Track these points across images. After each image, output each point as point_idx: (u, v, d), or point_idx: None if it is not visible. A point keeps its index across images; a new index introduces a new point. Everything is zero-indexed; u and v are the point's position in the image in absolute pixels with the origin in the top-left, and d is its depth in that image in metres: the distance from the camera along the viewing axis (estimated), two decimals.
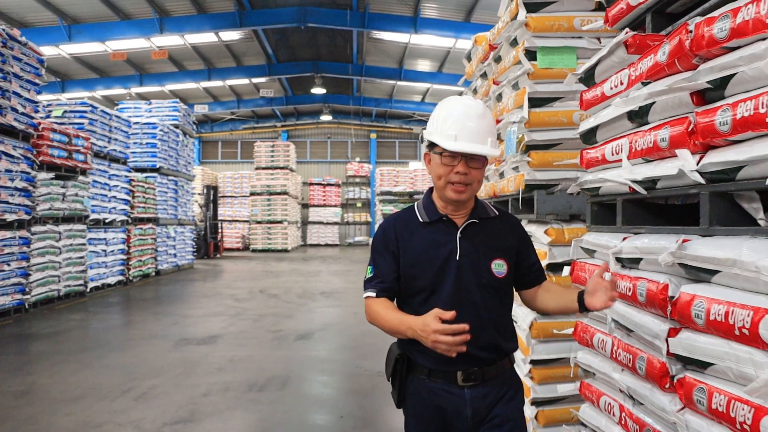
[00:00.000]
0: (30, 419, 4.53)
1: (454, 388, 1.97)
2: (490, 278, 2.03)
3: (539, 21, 3.54)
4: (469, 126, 1.96)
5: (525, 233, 2.20)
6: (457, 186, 1.98)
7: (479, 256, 2.03)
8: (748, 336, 1.56)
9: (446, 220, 2.07)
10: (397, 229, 2.09)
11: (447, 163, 1.98)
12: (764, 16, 1.62)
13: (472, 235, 2.05)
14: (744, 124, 1.69)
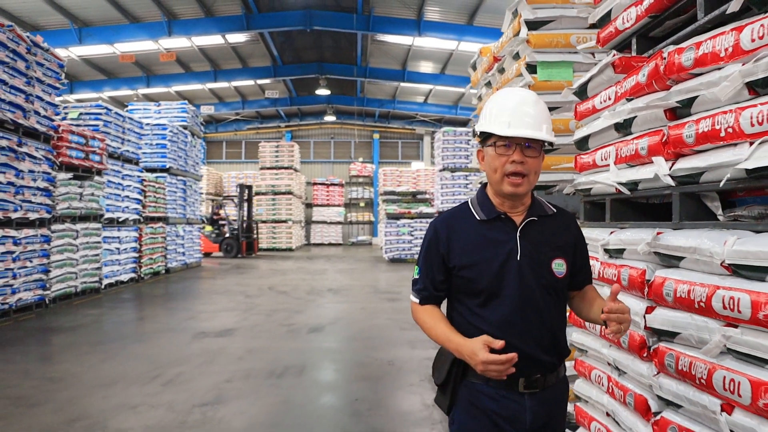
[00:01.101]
0: (70, 401, 4.91)
1: (515, 394, 1.88)
2: (551, 278, 1.93)
3: (539, 38, 3.93)
4: (522, 113, 1.89)
5: (581, 232, 2.11)
6: (514, 178, 1.87)
7: (540, 255, 1.93)
8: (704, 308, 1.95)
9: (504, 218, 1.96)
10: (449, 228, 1.99)
11: (502, 153, 1.88)
12: (719, 51, 2.01)
13: (531, 233, 1.95)
14: (704, 137, 2.08)
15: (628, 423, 2.52)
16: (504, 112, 1.89)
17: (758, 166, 1.82)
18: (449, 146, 19.47)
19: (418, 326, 2.04)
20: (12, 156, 8.55)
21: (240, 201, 23.04)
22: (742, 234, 1.90)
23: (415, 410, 4.72)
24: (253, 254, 23.20)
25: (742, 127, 1.89)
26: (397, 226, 20.36)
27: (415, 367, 6.02)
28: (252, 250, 23.21)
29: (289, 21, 19.35)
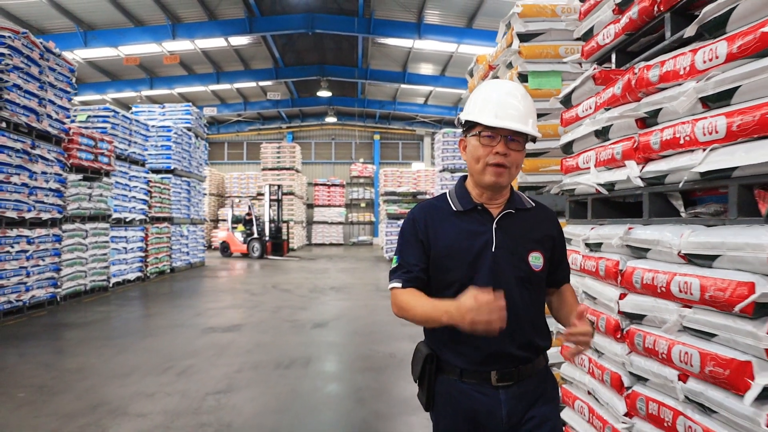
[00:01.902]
0: (90, 390, 5.22)
1: (488, 388, 1.87)
2: (528, 271, 1.91)
3: (530, 49, 4.24)
4: (509, 105, 1.87)
5: (560, 228, 2.09)
6: (497, 168, 1.86)
7: (516, 247, 1.91)
8: (665, 292, 2.26)
9: (481, 209, 1.95)
10: (427, 217, 1.97)
11: (486, 143, 1.87)
12: (678, 69, 2.32)
13: (508, 225, 1.94)
14: (667, 144, 2.38)
15: (606, 398, 2.82)
16: (491, 103, 1.88)
17: (709, 169, 2.12)
18: (449, 147, 19.75)
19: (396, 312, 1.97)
20: (26, 158, 8.86)
21: (268, 201, 22.52)
22: (696, 228, 2.20)
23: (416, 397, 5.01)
24: (283, 256, 22.37)
25: (696, 136, 2.19)
26: (397, 226, 20.60)
27: None
28: (281, 251, 22.50)
29: (291, 24, 19.64)
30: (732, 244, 1.91)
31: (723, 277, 1.93)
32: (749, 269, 1.86)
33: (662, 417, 2.29)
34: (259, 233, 22.22)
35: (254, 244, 22.16)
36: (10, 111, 8.39)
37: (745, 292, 1.80)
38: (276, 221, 22.74)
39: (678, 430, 2.18)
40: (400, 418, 4.54)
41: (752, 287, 1.79)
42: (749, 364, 1.82)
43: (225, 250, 23.32)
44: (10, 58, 8.32)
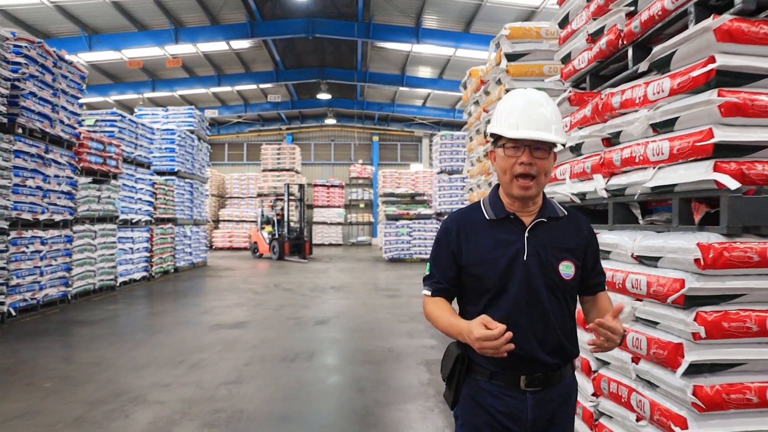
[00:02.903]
0: (110, 381, 5.62)
1: (516, 392, 1.91)
2: (558, 280, 1.94)
3: (517, 68, 4.65)
4: (531, 114, 1.90)
5: (593, 235, 2.11)
6: (523, 181, 1.90)
7: (547, 256, 1.94)
8: (622, 288, 2.67)
9: (513, 218, 1.98)
10: (460, 226, 2.03)
11: (511, 154, 1.91)
12: (635, 98, 2.73)
13: (540, 234, 1.96)
14: (626, 162, 2.79)
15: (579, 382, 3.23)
16: (513, 114, 1.91)
17: (657, 184, 2.53)
18: (447, 149, 20.21)
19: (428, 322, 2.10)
20: (40, 162, 9.26)
21: (287, 200, 22.08)
22: (647, 233, 2.61)
23: (413, 387, 5.43)
24: (305, 257, 21.62)
25: (648, 156, 2.60)
26: (396, 226, 21.01)
27: (413, 353, 6.72)
28: (302, 252, 21.81)
29: (292, 29, 20.02)
30: (670, 248, 2.33)
31: (663, 275, 2.35)
32: (681, 268, 2.27)
33: (620, 394, 2.70)
34: (280, 234, 21.92)
35: (274, 244, 21.90)
36: (26, 117, 8.78)
37: (678, 287, 2.22)
38: (299, 221, 22.35)
39: (632, 403, 2.59)
40: (398, 405, 4.95)
41: (683, 283, 2.20)
42: (681, 346, 2.23)
43: (255, 251, 23.20)
44: (26, 67, 8.72)
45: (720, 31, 2.22)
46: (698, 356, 2.20)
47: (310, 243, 22.38)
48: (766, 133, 2.24)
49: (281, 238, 21.61)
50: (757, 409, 2.20)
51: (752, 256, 2.17)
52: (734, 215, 2.18)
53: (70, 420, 4.51)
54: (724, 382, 2.19)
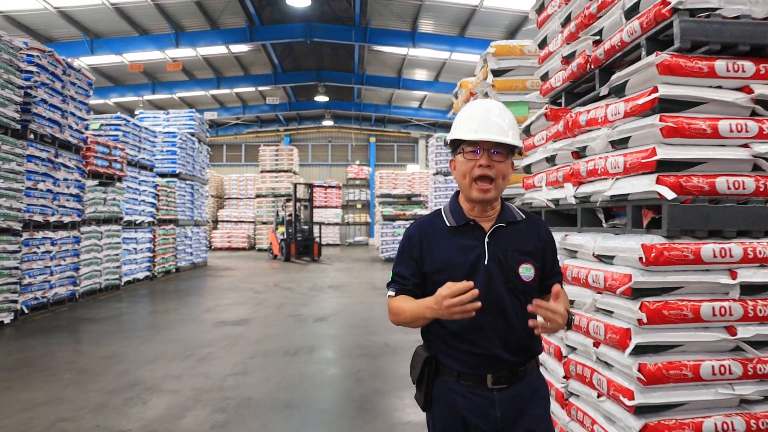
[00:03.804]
0: (124, 372, 6.02)
1: (483, 390, 1.98)
2: (518, 282, 2.00)
3: (502, 83, 5.06)
4: (489, 120, 1.99)
5: (551, 237, 2.18)
6: (482, 184, 1.96)
7: (507, 260, 2.01)
8: (585, 283, 3.08)
9: (473, 224, 2.05)
10: (422, 234, 2.09)
11: (470, 158, 1.98)
12: (598, 118, 3.14)
13: (499, 239, 2.03)
14: (591, 173, 3.21)
15: (551, 366, 3.64)
16: (472, 121, 2.00)
17: (615, 193, 2.94)
18: (442, 151, 20.57)
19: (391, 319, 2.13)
20: (50, 166, 9.65)
21: (294, 200, 21.58)
22: (607, 235, 3.03)
23: (407, 377, 5.79)
24: (313, 259, 21.30)
25: (607, 169, 3.02)
26: (392, 227, 21.37)
27: (408, 347, 7.13)
28: (309, 253, 21.43)
29: (291, 33, 20.42)
30: (622, 248, 2.74)
31: (616, 271, 2.76)
32: (630, 265, 2.69)
33: (584, 375, 3.11)
34: (288, 235, 21.54)
35: (282, 245, 21.65)
36: (37, 123, 9.17)
37: (627, 281, 2.63)
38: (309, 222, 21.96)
39: (593, 382, 3.00)
40: (394, 393, 5.36)
41: (630, 277, 2.62)
42: (629, 330, 2.65)
43: (271, 252, 23.18)
44: (38, 75, 9.10)
45: (662, 65, 2.63)
46: (643, 339, 2.61)
47: (319, 244, 21.90)
48: (701, 152, 2.65)
49: (288, 239, 21.35)
50: (692, 383, 2.61)
51: (688, 255, 2.59)
52: (673, 221, 2.59)
53: (93, 406, 4.91)
54: (664, 361, 2.60)
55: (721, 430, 2.60)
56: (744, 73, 2.70)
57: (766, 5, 2.66)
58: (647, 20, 2.83)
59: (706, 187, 2.64)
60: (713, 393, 2.63)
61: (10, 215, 8.52)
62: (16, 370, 6.09)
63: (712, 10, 2.67)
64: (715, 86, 2.71)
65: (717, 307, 2.62)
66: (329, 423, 4.65)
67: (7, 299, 8.57)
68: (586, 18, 3.53)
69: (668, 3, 2.67)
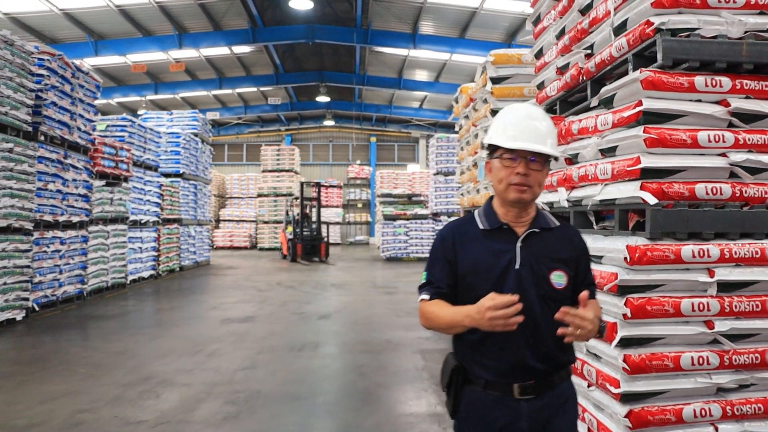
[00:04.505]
0: (137, 367, 6.25)
1: (510, 400, 1.95)
2: (549, 289, 1.97)
3: (500, 90, 5.30)
4: (528, 127, 1.97)
5: (585, 246, 2.16)
6: (518, 186, 1.95)
7: (539, 266, 1.98)
8: None
9: (507, 228, 2.03)
10: (455, 236, 2.08)
11: (507, 165, 1.97)
12: (588, 127, 3.37)
13: (532, 244, 2.01)
14: (582, 179, 3.44)
15: None
16: (510, 126, 1.99)
17: (603, 198, 3.18)
18: (443, 151, 20.87)
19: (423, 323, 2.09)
20: (60, 167, 9.88)
21: (301, 200, 21.20)
22: (596, 237, 3.26)
23: (409, 372, 6.08)
24: (321, 259, 20.77)
25: (597, 175, 3.25)
26: (393, 226, 21.57)
27: (409, 343, 7.36)
28: (317, 254, 20.86)
29: (293, 35, 20.66)
30: (609, 248, 2.98)
31: (604, 269, 3.00)
32: (616, 264, 2.93)
33: (576, 366, 3.34)
34: (295, 234, 21.04)
35: (289, 245, 21.17)
36: (47, 125, 9.41)
37: (613, 278, 2.87)
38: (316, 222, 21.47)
39: (584, 373, 3.24)
40: (397, 386, 5.60)
41: (616, 276, 2.85)
42: (616, 324, 2.88)
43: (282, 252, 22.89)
44: (48, 79, 9.33)
45: (646, 81, 2.87)
46: (627, 332, 2.85)
47: (327, 244, 21.23)
48: (682, 160, 2.89)
49: (295, 238, 20.85)
50: (673, 373, 2.85)
51: (669, 255, 2.82)
52: (655, 224, 2.83)
53: (109, 398, 5.15)
54: (647, 352, 2.84)
55: (700, 415, 2.84)
56: (721, 88, 2.93)
57: (741, 26, 2.89)
58: (633, 38, 3.07)
59: (686, 193, 2.87)
60: (693, 382, 2.87)
61: (23, 215, 8.75)
62: (32, 365, 6.33)
63: (692, 30, 2.91)
64: (695, 100, 2.95)
65: (696, 303, 2.86)
66: (335, 414, 4.89)
67: (19, 297, 8.80)
68: (579, 32, 3.76)
69: (652, 23, 2.90)
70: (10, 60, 8.40)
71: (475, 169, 5.76)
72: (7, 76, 8.33)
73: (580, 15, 3.81)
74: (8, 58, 8.36)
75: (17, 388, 5.48)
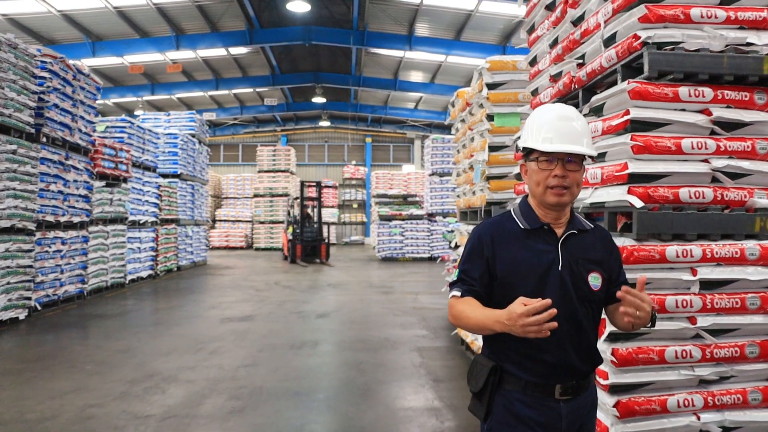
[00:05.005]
0: (141, 364, 6.41)
1: (551, 401, 1.95)
2: (587, 291, 1.99)
3: (496, 95, 5.48)
4: (562, 128, 1.96)
5: (617, 248, 2.17)
6: (557, 189, 1.95)
7: (578, 267, 1.99)
8: None
9: (548, 228, 2.03)
10: (494, 234, 2.05)
11: (544, 167, 1.96)
12: None
13: (571, 246, 2.02)
14: None
15: None
16: (544, 127, 1.97)
17: (593, 201, 3.36)
18: (438, 152, 21.07)
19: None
20: (61, 168, 10.02)
21: (301, 200, 20.74)
22: None
23: (406, 368, 6.26)
24: (320, 261, 20.35)
25: (588, 179, 3.43)
26: (389, 227, 21.73)
27: (406, 341, 7.54)
28: (317, 255, 20.44)
29: (290, 36, 20.82)
30: None
31: None
32: None
33: None
34: (295, 235, 20.52)
35: (289, 246, 20.69)
36: (50, 127, 9.55)
37: None
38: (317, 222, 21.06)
39: None
40: (395, 383, 5.78)
41: None
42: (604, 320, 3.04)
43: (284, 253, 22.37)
44: (50, 81, 9.48)
45: (633, 91, 3.05)
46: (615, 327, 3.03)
47: (328, 245, 20.70)
48: (667, 166, 3.07)
49: (295, 239, 20.39)
50: (658, 365, 3.04)
51: (655, 255, 3.01)
52: (641, 226, 3.01)
53: (117, 394, 5.31)
54: (634, 346, 3.02)
55: (683, 405, 3.03)
56: (704, 98, 3.12)
57: (722, 40, 3.08)
58: (622, 50, 3.25)
59: (670, 197, 3.06)
60: (676, 374, 3.06)
61: (26, 216, 8.89)
62: (38, 362, 6.48)
63: (676, 43, 3.09)
64: (679, 109, 3.13)
65: (680, 300, 3.05)
66: (335, 408, 5.06)
67: (22, 296, 8.94)
68: (571, 43, 3.95)
69: (639, 37, 3.09)
70: (13, 63, 8.54)
71: (471, 172, 5.95)
72: (10, 78, 8.47)
73: (572, 26, 3.99)
74: (12, 61, 8.50)
75: (26, 384, 5.63)
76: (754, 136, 3.19)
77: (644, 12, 3.08)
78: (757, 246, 3.13)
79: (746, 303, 3.10)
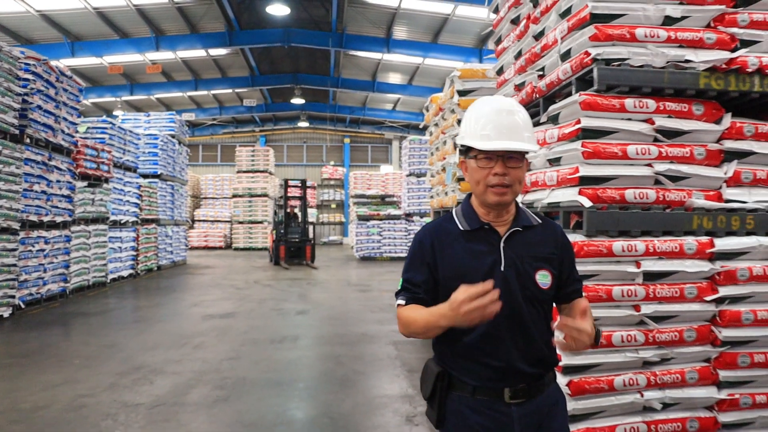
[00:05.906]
0: (128, 358, 6.65)
1: (501, 405, 1.88)
2: (536, 290, 1.91)
3: (466, 102, 5.82)
4: (501, 122, 1.85)
5: (568, 242, 2.07)
6: (498, 188, 1.86)
7: (524, 266, 1.90)
8: None
9: (488, 228, 1.94)
10: (434, 239, 1.98)
11: (484, 165, 1.87)
12: (538, 140, 3.90)
13: (515, 244, 1.92)
14: (534, 184, 3.96)
15: None
16: (482, 121, 1.87)
17: (550, 201, 3.71)
18: (415, 153, 21.44)
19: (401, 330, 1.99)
20: (45, 169, 10.19)
21: (285, 199, 20.26)
22: None
23: (383, 360, 6.58)
24: (305, 263, 19.54)
25: (546, 181, 3.78)
26: (367, 227, 22.02)
27: (383, 336, 7.86)
28: (302, 257, 19.69)
29: (269, 38, 21.01)
30: None
31: None
32: None
33: None
34: (278, 236, 19.74)
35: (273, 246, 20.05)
36: (33, 128, 9.71)
37: None
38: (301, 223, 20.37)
39: None
40: (372, 373, 6.10)
41: None
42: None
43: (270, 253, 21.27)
44: (34, 83, 9.65)
45: (584, 103, 3.40)
46: None
47: (313, 246, 19.89)
48: (614, 170, 3.43)
49: (278, 240, 19.65)
50: (606, 349, 3.39)
51: (603, 250, 3.36)
52: (591, 223, 3.36)
53: (106, 386, 5.56)
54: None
55: (629, 384, 3.38)
56: (647, 109, 3.48)
57: (663, 57, 3.44)
58: (576, 64, 3.60)
59: (617, 197, 3.41)
60: (623, 356, 3.41)
61: (10, 215, 9.06)
62: (27, 357, 6.69)
63: (623, 60, 3.45)
64: (626, 119, 3.49)
65: (625, 290, 3.40)
66: (316, 396, 5.36)
67: (6, 294, 9.11)
68: (533, 55, 4.30)
69: (590, 54, 3.44)
70: None
71: (443, 173, 6.29)
72: None
73: (534, 40, 4.34)
74: None
75: (16, 377, 5.86)
76: (693, 143, 3.55)
77: (594, 31, 3.43)
78: (695, 241, 3.50)
79: (685, 292, 3.46)
